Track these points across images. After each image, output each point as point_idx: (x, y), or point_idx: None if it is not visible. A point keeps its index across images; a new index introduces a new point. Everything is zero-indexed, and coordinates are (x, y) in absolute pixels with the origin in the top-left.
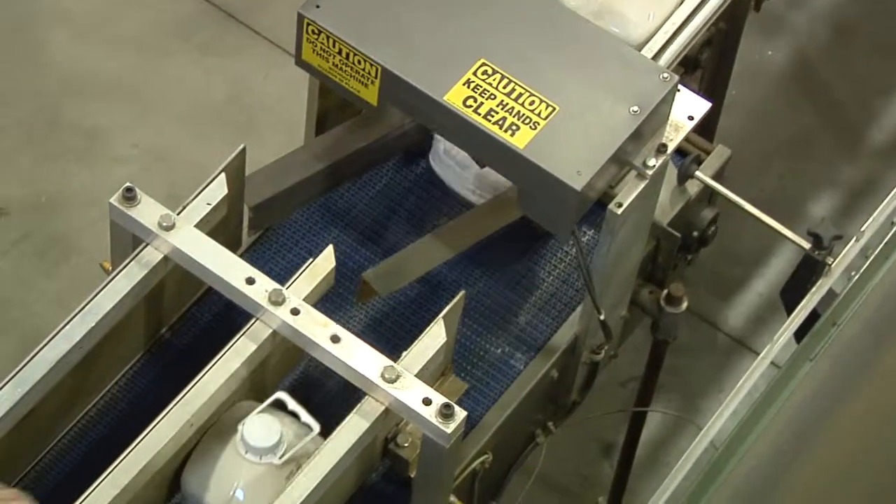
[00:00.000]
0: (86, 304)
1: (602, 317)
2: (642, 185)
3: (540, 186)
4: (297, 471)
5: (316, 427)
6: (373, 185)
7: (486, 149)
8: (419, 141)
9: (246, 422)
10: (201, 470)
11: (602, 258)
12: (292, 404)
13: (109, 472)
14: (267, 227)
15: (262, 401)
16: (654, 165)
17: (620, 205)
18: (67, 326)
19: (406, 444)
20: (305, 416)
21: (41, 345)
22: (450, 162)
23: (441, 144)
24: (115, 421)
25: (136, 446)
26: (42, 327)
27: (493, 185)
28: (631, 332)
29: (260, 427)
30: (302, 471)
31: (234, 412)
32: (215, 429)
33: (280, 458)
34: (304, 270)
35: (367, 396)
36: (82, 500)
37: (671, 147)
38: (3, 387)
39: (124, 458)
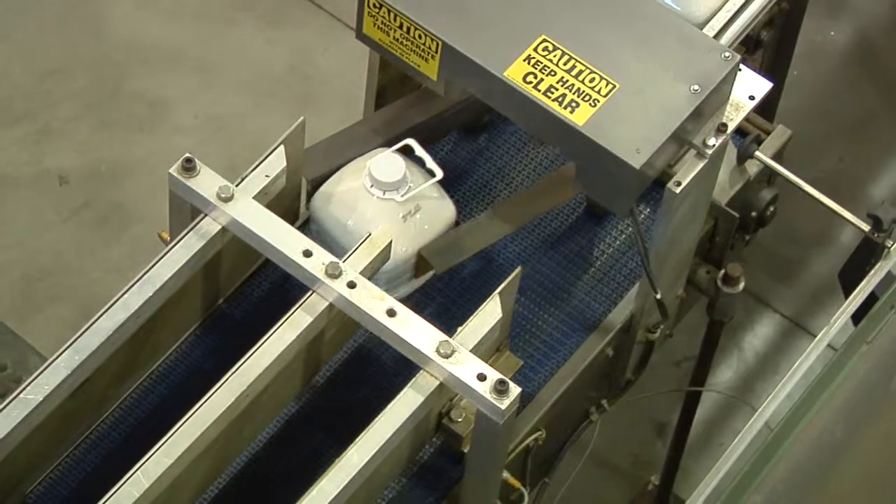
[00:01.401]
0: (144, 274)
1: (658, 296)
2: (701, 165)
3: (598, 164)
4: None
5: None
6: (432, 156)
7: (545, 125)
8: (477, 117)
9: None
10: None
11: (659, 237)
12: (419, 150)
13: (164, 442)
14: None
15: (308, 380)
16: (714, 145)
17: (679, 184)
18: (125, 295)
19: (460, 420)
20: (430, 162)
21: (99, 313)
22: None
23: (314, 225)
24: (170, 390)
25: (190, 416)
26: (100, 295)
27: None
28: (687, 311)
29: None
30: (356, 444)
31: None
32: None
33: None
34: (360, 244)
35: (421, 371)
36: (136, 470)
37: (731, 127)
38: (61, 354)
39: (179, 427)
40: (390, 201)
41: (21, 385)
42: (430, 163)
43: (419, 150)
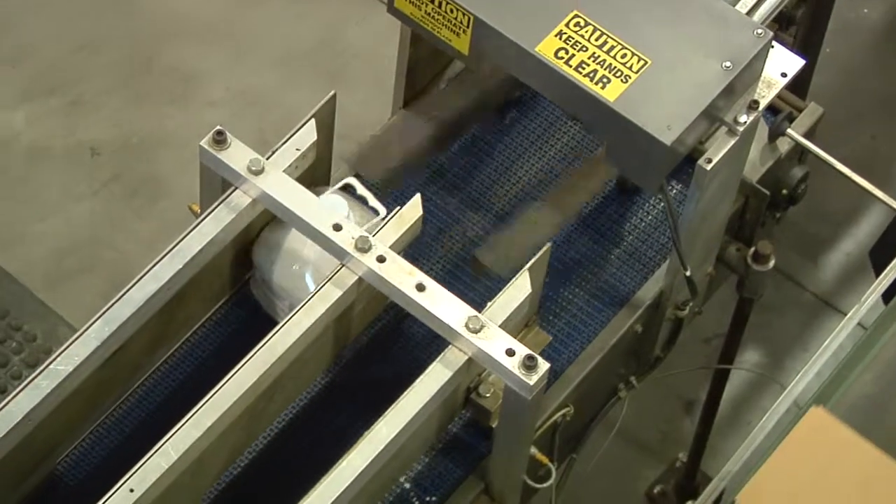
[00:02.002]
0: (174, 246)
1: (688, 273)
2: (732, 142)
3: (629, 140)
4: None
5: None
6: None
7: (576, 101)
8: (508, 94)
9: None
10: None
11: (690, 214)
12: (360, 189)
13: (193, 414)
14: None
15: (336, 355)
16: (745, 122)
17: (710, 160)
18: (156, 267)
19: (488, 395)
20: (372, 199)
21: (130, 284)
22: (266, 290)
23: (258, 273)
24: (200, 362)
25: (219, 389)
26: (130, 267)
27: None
28: (716, 288)
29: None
30: (384, 418)
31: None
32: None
33: None
34: (390, 218)
35: (450, 346)
36: (164, 442)
37: (763, 104)
38: (91, 325)
39: (208, 400)
40: None
41: (51, 356)
42: (373, 200)
43: (361, 189)
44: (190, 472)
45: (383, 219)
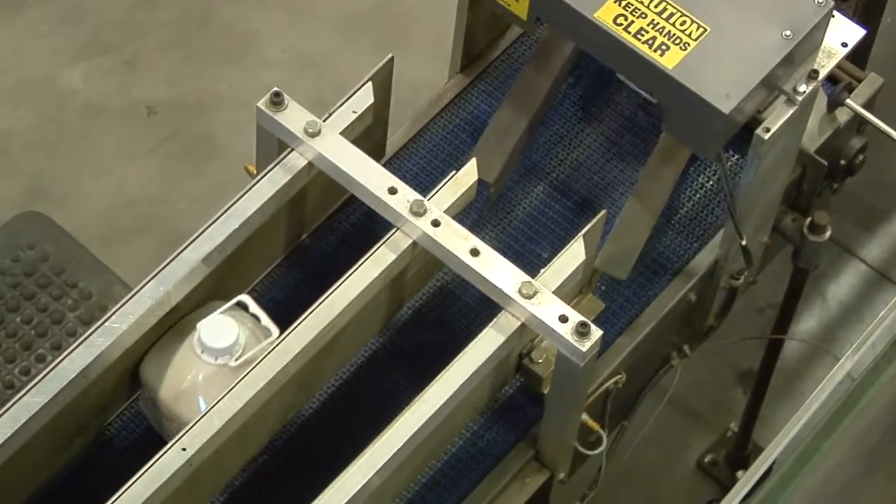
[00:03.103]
0: (229, 207)
1: (744, 242)
2: (791, 111)
3: (687, 108)
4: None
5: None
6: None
7: (634, 68)
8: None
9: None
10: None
11: (747, 183)
12: (253, 307)
13: (246, 374)
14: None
15: (389, 317)
16: (805, 91)
17: (768, 130)
18: (211, 227)
19: (540, 361)
20: (266, 319)
21: (185, 244)
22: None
23: (147, 392)
24: None
25: (272, 349)
26: (185, 227)
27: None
28: (771, 258)
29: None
30: (436, 382)
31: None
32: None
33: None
34: (446, 182)
35: (503, 311)
36: (218, 401)
37: (823, 73)
38: (146, 283)
39: (261, 360)
40: (224, 367)
41: (106, 313)
42: (266, 320)
43: (253, 308)
44: (243, 433)
45: (275, 339)
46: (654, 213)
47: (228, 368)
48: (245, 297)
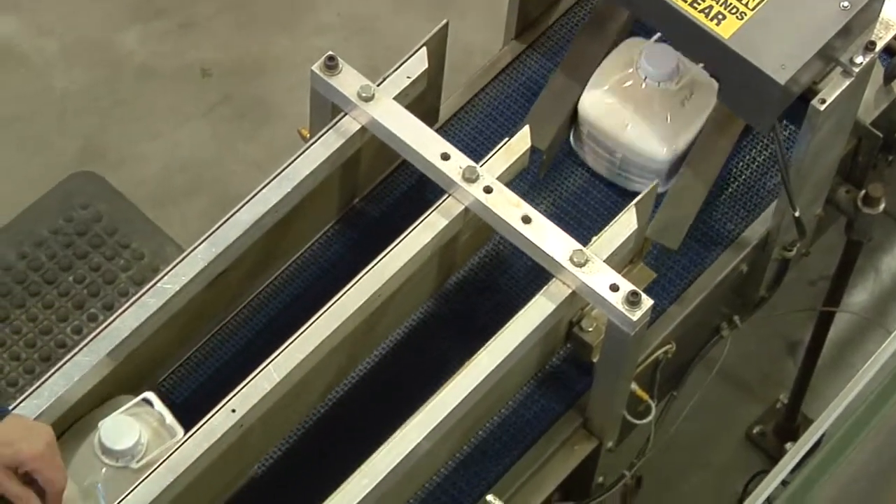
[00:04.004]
0: (283, 170)
1: (797, 213)
2: (847, 83)
3: (743, 78)
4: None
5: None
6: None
7: (690, 37)
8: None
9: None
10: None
11: (801, 154)
12: (158, 405)
13: (296, 337)
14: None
15: (441, 283)
16: (861, 63)
17: (824, 101)
18: (264, 190)
19: (590, 329)
20: (170, 418)
21: (237, 206)
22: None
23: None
24: (304, 286)
25: (323, 313)
26: (238, 189)
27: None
28: (824, 230)
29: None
30: (486, 348)
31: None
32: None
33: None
34: (499, 149)
35: (554, 279)
36: (267, 364)
37: (880, 45)
38: (198, 245)
39: (311, 323)
40: (125, 469)
41: (158, 274)
42: (170, 419)
43: (158, 405)
44: (292, 394)
45: (180, 440)
46: (707, 183)
47: (130, 470)
48: (150, 395)
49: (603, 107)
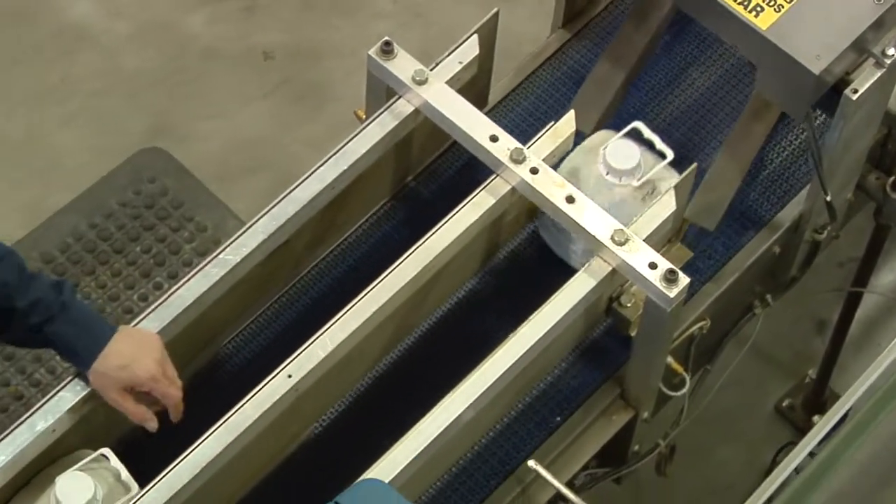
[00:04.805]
0: (340, 149)
1: (828, 198)
2: (879, 74)
3: (779, 67)
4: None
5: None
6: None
7: (729, 28)
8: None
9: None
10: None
11: (833, 141)
12: (114, 461)
13: (350, 308)
14: None
15: (487, 259)
16: (893, 55)
17: (856, 91)
18: (321, 168)
19: (629, 305)
20: (125, 474)
21: (296, 183)
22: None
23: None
24: (359, 259)
25: (376, 285)
26: (297, 167)
27: None
28: (854, 214)
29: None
30: (529, 322)
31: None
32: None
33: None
34: (545, 132)
35: (595, 256)
36: (322, 332)
37: None
38: (259, 219)
39: (365, 295)
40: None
41: (220, 246)
42: (125, 475)
43: (114, 461)
44: (344, 362)
45: (136, 495)
46: (743, 167)
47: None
48: (106, 451)
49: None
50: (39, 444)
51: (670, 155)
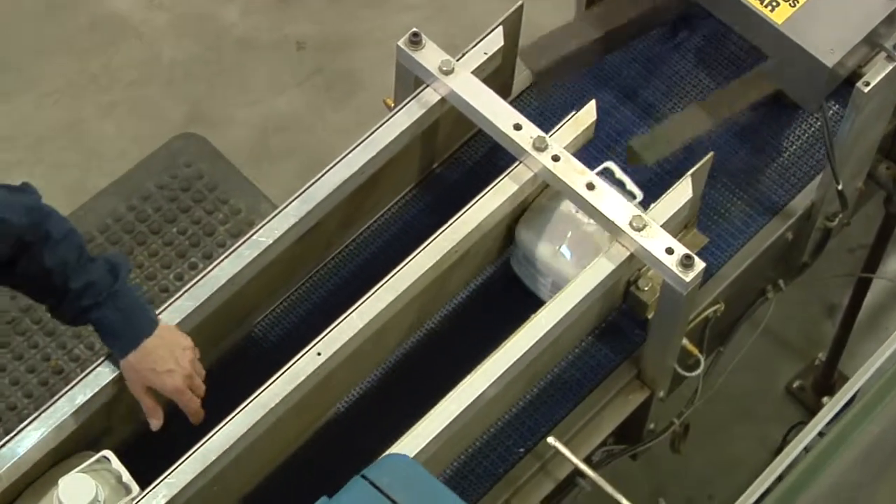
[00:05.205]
0: (368, 136)
1: (840, 187)
2: (890, 67)
3: (793, 61)
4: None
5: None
6: (634, 48)
7: (744, 22)
8: (682, 11)
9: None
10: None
11: (845, 132)
12: (115, 463)
13: (378, 288)
14: (549, 85)
15: (509, 243)
16: None
17: (868, 84)
18: (351, 154)
19: (646, 288)
20: (127, 476)
21: (327, 168)
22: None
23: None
24: (387, 241)
25: (403, 266)
26: (327, 153)
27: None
28: (864, 203)
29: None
30: (547, 306)
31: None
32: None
33: None
34: (567, 121)
35: (614, 241)
36: (351, 311)
37: None
38: (290, 203)
39: (392, 276)
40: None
41: (253, 228)
42: (127, 477)
43: (115, 463)
44: (372, 341)
45: (136, 496)
46: (712, 121)
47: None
48: (108, 453)
49: (537, 233)
50: (80, 416)
51: (639, 195)
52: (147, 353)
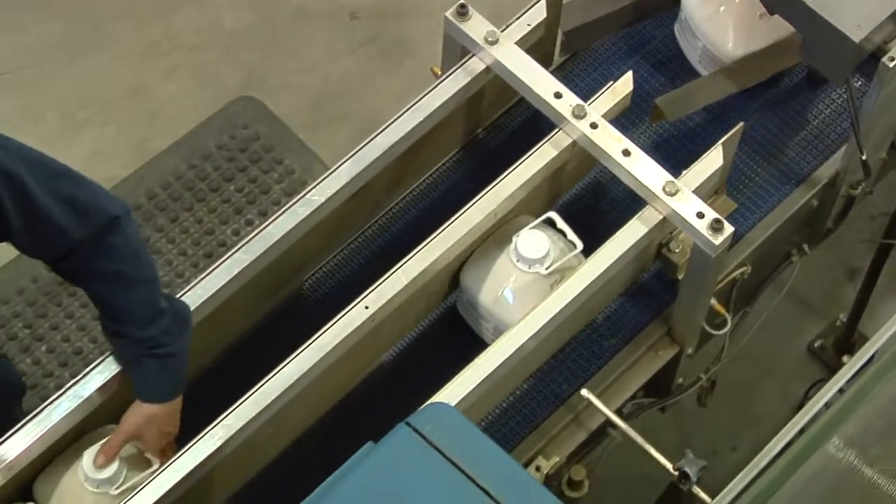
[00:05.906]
0: (416, 102)
1: (864, 157)
2: None
3: (821, 35)
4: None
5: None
6: (671, 20)
7: None
8: None
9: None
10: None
11: (870, 105)
12: (560, 223)
13: (423, 246)
14: (576, 49)
15: (548, 206)
16: None
17: (893, 59)
18: (400, 118)
19: (677, 250)
20: (571, 234)
21: (377, 132)
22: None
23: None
24: (432, 201)
25: (448, 226)
26: (378, 117)
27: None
28: (887, 172)
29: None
30: (586, 262)
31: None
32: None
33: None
34: (605, 90)
35: (647, 205)
36: (397, 268)
37: None
38: (343, 164)
39: (437, 234)
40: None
41: (307, 187)
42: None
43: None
44: (417, 296)
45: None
46: (737, 85)
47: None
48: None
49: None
50: (234, 284)
51: (580, 245)
52: (159, 412)
